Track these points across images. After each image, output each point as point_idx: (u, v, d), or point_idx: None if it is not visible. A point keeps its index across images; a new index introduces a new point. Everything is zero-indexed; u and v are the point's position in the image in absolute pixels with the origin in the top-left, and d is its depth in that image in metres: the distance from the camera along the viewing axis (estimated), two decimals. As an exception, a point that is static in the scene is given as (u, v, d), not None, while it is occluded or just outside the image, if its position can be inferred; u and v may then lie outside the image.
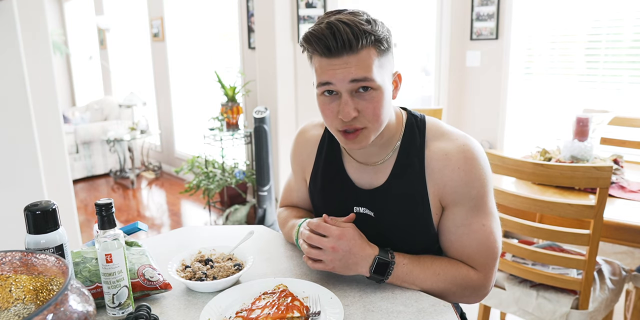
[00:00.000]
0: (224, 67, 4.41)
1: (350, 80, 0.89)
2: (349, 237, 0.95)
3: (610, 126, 2.27)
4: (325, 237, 0.95)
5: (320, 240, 0.95)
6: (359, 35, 0.87)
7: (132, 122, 5.20)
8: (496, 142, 3.30)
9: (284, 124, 3.25)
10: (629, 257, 2.40)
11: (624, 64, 2.72)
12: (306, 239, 0.97)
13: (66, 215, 2.22)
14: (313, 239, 0.96)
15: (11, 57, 1.76)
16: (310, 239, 0.96)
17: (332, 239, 0.94)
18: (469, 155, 0.97)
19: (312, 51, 0.92)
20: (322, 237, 0.96)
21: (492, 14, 3.12)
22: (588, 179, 1.43)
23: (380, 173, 1.04)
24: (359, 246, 0.95)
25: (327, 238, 0.95)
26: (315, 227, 0.97)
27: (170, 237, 1.28)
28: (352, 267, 0.95)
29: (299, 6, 3.02)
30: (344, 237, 0.94)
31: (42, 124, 2.08)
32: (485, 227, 0.99)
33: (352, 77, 0.89)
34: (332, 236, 0.94)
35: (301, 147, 1.18)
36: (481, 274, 1.00)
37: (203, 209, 4.09)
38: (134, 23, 5.65)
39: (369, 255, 0.95)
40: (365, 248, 0.95)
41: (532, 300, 1.65)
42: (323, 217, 1.01)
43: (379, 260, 0.95)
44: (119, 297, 0.86)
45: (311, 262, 0.97)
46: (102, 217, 0.84)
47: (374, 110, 0.92)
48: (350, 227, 0.97)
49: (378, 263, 0.95)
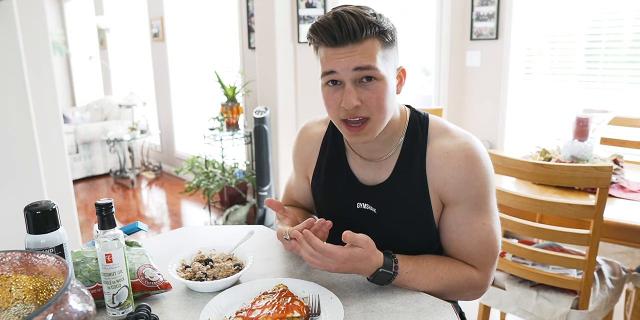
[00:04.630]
0: (224, 67, 4.41)
1: (354, 69, 0.90)
2: (354, 260, 0.91)
3: (610, 126, 2.27)
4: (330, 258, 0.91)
5: (324, 260, 0.91)
6: (364, 25, 0.89)
7: (132, 122, 5.19)
8: (496, 142, 3.30)
9: (284, 124, 3.25)
10: (629, 257, 2.40)
11: (624, 64, 2.72)
12: (309, 256, 0.92)
13: (66, 215, 2.22)
14: (317, 257, 0.92)
15: (11, 57, 1.76)
16: (314, 256, 0.92)
17: (336, 262, 0.91)
18: (470, 153, 0.97)
19: (318, 42, 0.93)
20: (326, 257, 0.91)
21: (492, 14, 3.12)
22: (588, 179, 1.43)
23: (383, 169, 1.05)
24: (364, 263, 0.92)
25: (331, 259, 0.91)
26: (319, 250, 0.91)
27: (170, 237, 1.28)
28: (354, 273, 0.95)
29: (299, 6, 3.02)
30: (349, 261, 0.91)
31: (42, 124, 2.08)
32: (485, 226, 0.99)
33: (356, 64, 0.90)
34: (337, 260, 0.91)
35: (304, 144, 1.18)
36: (482, 273, 1.00)
37: (203, 209, 4.09)
38: (134, 23, 5.65)
39: (372, 268, 0.93)
40: (370, 262, 0.93)
41: (532, 300, 1.65)
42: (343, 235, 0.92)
43: (382, 272, 0.93)
44: (119, 297, 0.86)
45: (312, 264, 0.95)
46: (102, 217, 0.84)
47: (377, 100, 0.92)
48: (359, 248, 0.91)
49: (380, 275, 0.94)
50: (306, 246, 0.93)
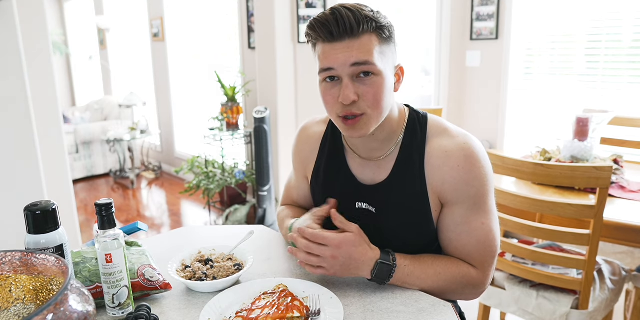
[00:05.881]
0: (224, 67, 4.41)
1: (352, 64, 0.90)
2: (348, 244, 0.93)
3: (610, 126, 2.27)
4: (324, 246, 0.93)
5: (319, 249, 0.93)
6: (361, 20, 0.90)
7: (132, 122, 5.19)
8: (496, 142, 3.30)
9: (284, 124, 3.25)
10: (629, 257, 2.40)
11: (624, 64, 2.72)
12: (304, 248, 0.94)
13: (66, 215, 2.22)
14: (311, 248, 0.93)
15: (11, 57, 1.76)
16: (309, 248, 0.94)
17: (331, 248, 0.92)
18: (469, 153, 0.97)
19: (315, 38, 0.94)
20: (321, 245, 0.94)
21: (492, 14, 3.12)
22: (588, 179, 1.43)
23: (382, 168, 1.05)
24: (360, 252, 0.93)
25: (326, 247, 0.93)
26: (312, 237, 0.94)
27: (170, 237, 1.28)
28: (354, 272, 0.95)
29: (299, 6, 3.02)
30: (343, 245, 0.92)
31: (42, 124, 2.08)
32: (484, 226, 0.99)
33: (354, 60, 0.90)
34: (331, 245, 0.92)
35: (303, 143, 1.18)
36: (480, 272, 1.00)
37: (203, 209, 4.09)
38: (134, 23, 5.65)
39: (370, 260, 0.94)
40: (366, 253, 0.94)
41: (532, 300, 1.65)
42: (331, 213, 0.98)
43: (381, 264, 0.94)
44: (119, 297, 0.86)
45: (310, 267, 0.95)
46: (102, 217, 0.84)
47: (374, 95, 0.93)
48: (351, 233, 0.95)
49: (380, 267, 0.94)
50: (301, 241, 0.95)
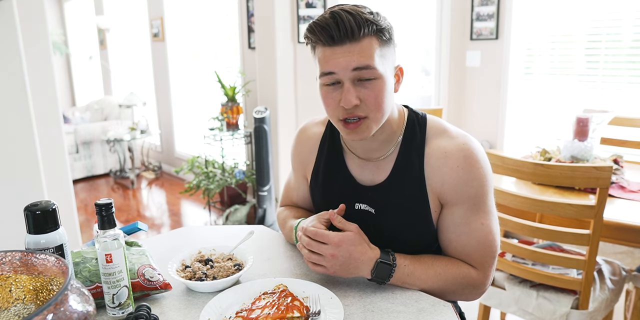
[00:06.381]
0: (224, 67, 4.41)
1: (353, 69, 0.90)
2: (348, 243, 0.93)
3: (610, 126, 2.27)
4: (325, 244, 0.94)
5: (319, 247, 0.94)
6: (361, 23, 0.89)
7: (132, 122, 5.19)
8: (496, 142, 3.30)
9: (284, 124, 3.25)
10: (629, 257, 2.40)
11: (624, 64, 2.72)
12: (305, 245, 0.96)
13: (66, 215, 2.22)
14: (312, 245, 0.95)
15: (11, 57, 1.76)
16: (310, 245, 0.95)
17: (331, 247, 0.93)
18: (469, 154, 0.97)
19: (315, 41, 0.93)
20: (322, 243, 0.95)
21: (492, 14, 3.12)
22: (588, 179, 1.43)
23: (381, 169, 1.05)
24: (359, 251, 0.94)
25: (326, 245, 0.94)
26: (313, 235, 0.95)
27: (170, 237, 1.28)
28: (354, 271, 0.95)
29: (299, 6, 3.02)
30: (343, 243, 0.93)
31: (42, 124, 2.08)
32: (484, 226, 0.99)
33: (355, 65, 0.90)
34: (331, 244, 0.93)
35: (303, 144, 1.18)
36: (480, 272, 1.00)
37: (203, 209, 4.09)
38: (134, 23, 5.65)
39: (370, 259, 0.94)
40: (365, 252, 0.94)
41: (532, 300, 1.65)
42: (329, 213, 0.99)
43: (381, 263, 0.94)
44: (119, 297, 0.86)
45: (312, 265, 0.97)
46: (102, 217, 0.84)
47: (375, 98, 0.93)
48: (350, 232, 0.95)
49: (379, 266, 0.94)
50: (303, 238, 0.97)
